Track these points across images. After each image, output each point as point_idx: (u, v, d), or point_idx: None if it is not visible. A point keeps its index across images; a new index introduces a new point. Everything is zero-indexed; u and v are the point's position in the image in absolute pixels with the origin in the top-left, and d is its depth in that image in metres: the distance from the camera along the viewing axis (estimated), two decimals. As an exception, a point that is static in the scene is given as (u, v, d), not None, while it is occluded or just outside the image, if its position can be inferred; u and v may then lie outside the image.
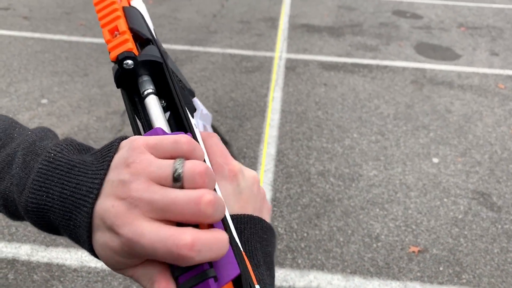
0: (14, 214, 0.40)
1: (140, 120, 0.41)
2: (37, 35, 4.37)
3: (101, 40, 4.35)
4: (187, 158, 0.32)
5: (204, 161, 0.35)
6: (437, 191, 2.61)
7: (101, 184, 0.33)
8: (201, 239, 0.28)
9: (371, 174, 2.71)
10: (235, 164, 0.42)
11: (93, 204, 0.32)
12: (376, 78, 3.90)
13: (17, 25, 4.58)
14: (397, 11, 5.71)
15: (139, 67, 0.41)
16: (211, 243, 0.28)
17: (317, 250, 2.19)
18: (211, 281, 0.28)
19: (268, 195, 2.48)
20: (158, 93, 0.42)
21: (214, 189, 0.34)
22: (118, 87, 0.43)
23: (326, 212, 2.41)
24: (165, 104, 0.43)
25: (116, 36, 0.42)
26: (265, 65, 4.03)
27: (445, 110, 3.46)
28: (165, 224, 0.29)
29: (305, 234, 2.26)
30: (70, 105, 3.21)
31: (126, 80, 0.43)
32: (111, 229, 0.30)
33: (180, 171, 0.30)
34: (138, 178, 0.30)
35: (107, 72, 3.74)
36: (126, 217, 0.29)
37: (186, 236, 0.27)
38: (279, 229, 2.30)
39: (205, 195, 0.29)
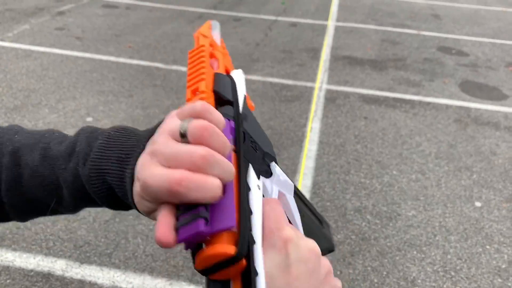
0: (80, 191, 0.46)
1: None
2: (87, 55, 4.56)
3: (147, 63, 4.49)
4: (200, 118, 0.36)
5: (239, 159, 0.38)
6: (479, 237, 2.50)
7: (145, 145, 0.40)
8: (190, 178, 0.31)
9: (409, 214, 2.63)
10: (289, 233, 0.36)
11: (136, 158, 0.39)
12: (418, 115, 3.83)
13: (70, 44, 4.80)
14: (442, 48, 5.63)
15: None
16: (200, 183, 0.31)
17: (350, 289, 2.12)
18: (201, 221, 0.30)
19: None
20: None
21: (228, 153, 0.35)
22: None
23: (361, 250, 2.35)
24: None
25: (196, 95, 0.47)
26: (305, 95, 4.04)
27: (490, 152, 3.34)
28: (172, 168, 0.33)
29: (338, 273, 2.20)
30: (113, 124, 3.30)
31: None
32: (137, 177, 0.36)
33: (184, 128, 0.34)
34: (161, 134, 0.36)
35: (151, 95, 3.84)
36: (146, 164, 0.35)
37: (176, 174, 0.31)
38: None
39: (197, 150, 0.32)
